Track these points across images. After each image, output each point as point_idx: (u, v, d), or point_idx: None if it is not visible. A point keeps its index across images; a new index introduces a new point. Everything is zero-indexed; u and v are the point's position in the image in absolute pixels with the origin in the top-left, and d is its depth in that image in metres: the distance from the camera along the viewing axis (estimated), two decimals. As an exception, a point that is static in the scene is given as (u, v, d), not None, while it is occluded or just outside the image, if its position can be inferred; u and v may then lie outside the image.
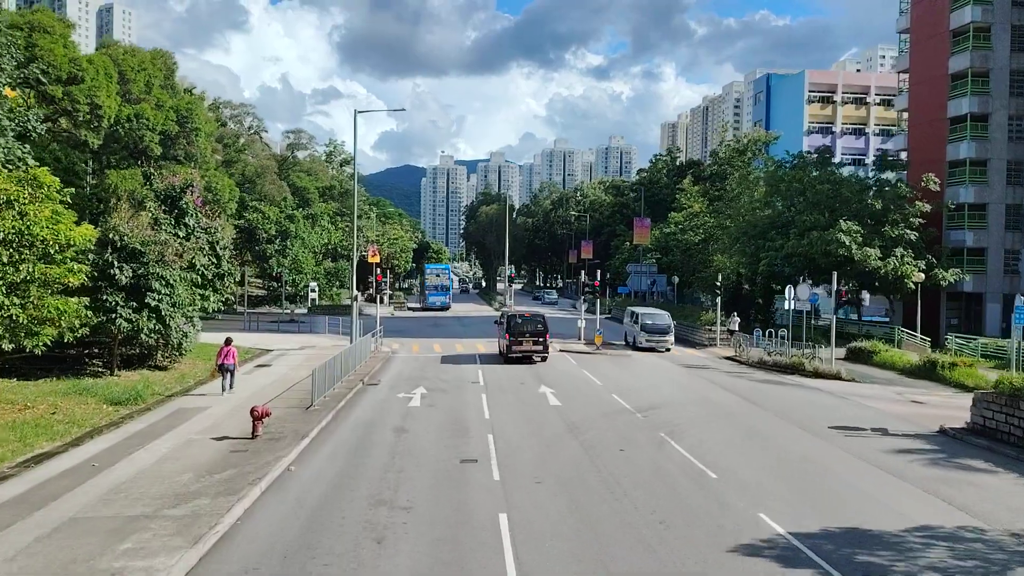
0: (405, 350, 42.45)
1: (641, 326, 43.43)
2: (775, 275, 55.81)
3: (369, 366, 33.78)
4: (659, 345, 42.65)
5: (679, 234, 79.29)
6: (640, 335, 43.17)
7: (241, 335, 47.74)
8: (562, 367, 34.83)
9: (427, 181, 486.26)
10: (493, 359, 37.45)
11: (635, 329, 44.18)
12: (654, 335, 42.92)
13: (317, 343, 44.29)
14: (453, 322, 65.63)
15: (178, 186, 33.69)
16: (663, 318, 44.39)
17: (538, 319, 35.87)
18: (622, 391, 27.68)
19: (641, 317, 44.07)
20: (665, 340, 42.92)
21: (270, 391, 26.59)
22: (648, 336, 42.80)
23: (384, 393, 26.98)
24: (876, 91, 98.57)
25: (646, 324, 43.45)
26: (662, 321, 43.98)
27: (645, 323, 43.55)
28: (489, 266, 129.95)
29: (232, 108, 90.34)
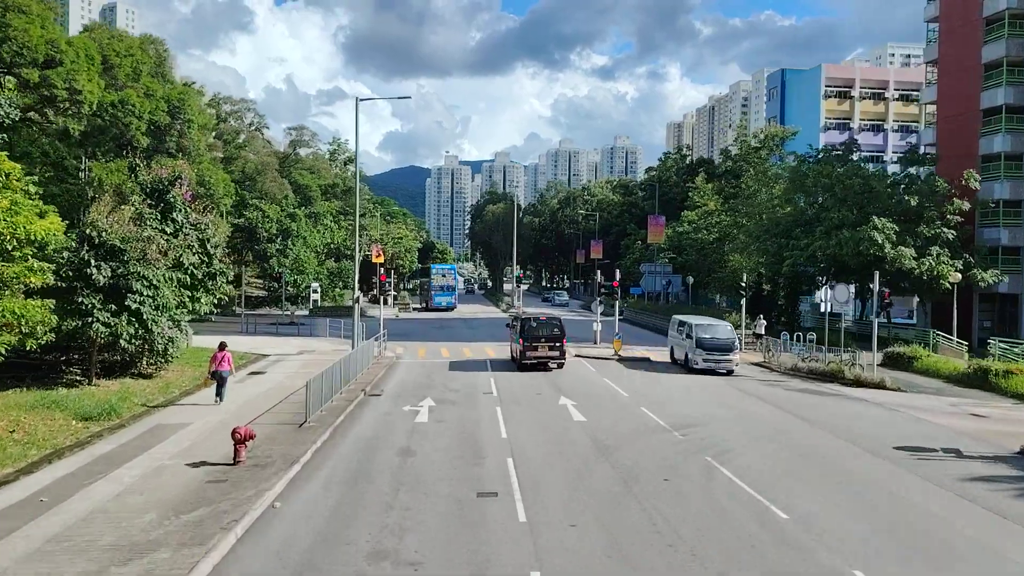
0: (410, 355, 39.82)
1: (697, 341, 33.96)
2: (799, 275, 53.19)
3: (372, 374, 31.14)
4: (720, 366, 33.63)
5: (693, 233, 76.79)
6: (696, 353, 33.88)
7: (237, 338, 45.19)
8: (581, 375, 32.14)
9: (432, 181, 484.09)
10: (505, 365, 34.79)
11: (687, 345, 34.80)
12: (715, 353, 33.60)
13: (317, 347, 41.68)
14: (460, 324, 63.00)
15: (165, 179, 31.09)
16: (725, 331, 35.11)
17: (554, 323, 33.19)
18: (651, 403, 24.98)
19: (696, 330, 34.52)
20: (729, 360, 33.72)
21: (262, 403, 23.96)
22: (707, 355, 33.58)
23: (388, 405, 24.32)
24: (895, 86, 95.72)
25: (703, 339, 33.99)
26: (724, 335, 34.64)
27: (702, 338, 34.06)
28: (495, 266, 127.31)
29: (232, 104, 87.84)
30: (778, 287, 54.99)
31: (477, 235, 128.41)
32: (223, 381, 25.22)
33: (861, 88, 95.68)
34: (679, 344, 36.45)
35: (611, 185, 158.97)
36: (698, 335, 34.19)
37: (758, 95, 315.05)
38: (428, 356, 39.11)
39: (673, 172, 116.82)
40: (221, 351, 25.32)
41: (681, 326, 36.74)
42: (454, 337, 50.45)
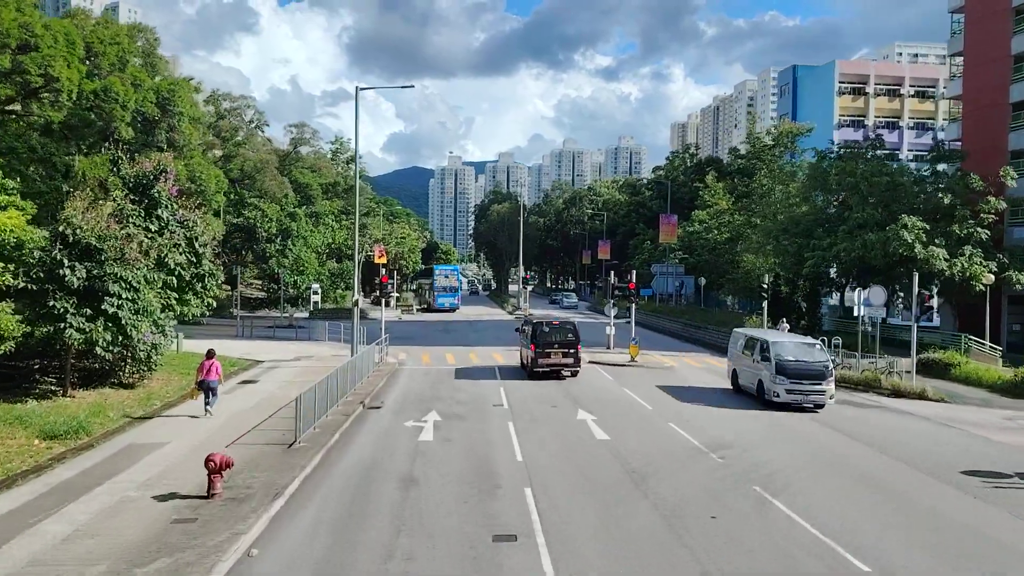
0: (414, 360, 37.55)
1: (777, 365, 24.89)
2: (820, 277, 50.88)
3: (372, 383, 28.85)
4: (809, 398, 24.69)
5: (704, 233, 74.55)
6: (775, 381, 24.83)
7: (232, 343, 43.01)
8: (597, 384, 29.81)
9: (435, 182, 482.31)
10: (515, 373, 32.48)
11: (762, 369, 25.76)
12: (803, 382, 24.66)
13: (315, 352, 39.42)
14: (465, 327, 60.70)
15: (150, 173, 28.86)
16: (813, 351, 25.79)
17: (568, 328, 30.86)
18: (679, 418, 22.64)
19: (774, 349, 25.38)
20: (822, 392, 24.84)
21: (250, 418, 21.67)
22: (792, 384, 24.61)
23: (388, 420, 22.02)
24: (910, 82, 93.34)
25: (786, 363, 24.92)
26: (814, 358, 25.39)
27: (783, 360, 24.97)
28: (500, 267, 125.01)
29: (232, 100, 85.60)
30: (797, 289, 52.57)
31: (481, 235, 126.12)
32: (212, 392, 23.10)
33: (875, 84, 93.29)
34: (748, 367, 27.34)
35: (617, 185, 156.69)
36: (777, 355, 25.19)
37: (764, 94, 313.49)
38: (433, 362, 36.84)
39: (680, 171, 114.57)
40: (209, 359, 23.22)
41: (751, 344, 27.55)
42: (459, 341, 48.17)
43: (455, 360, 37.41)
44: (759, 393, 26.05)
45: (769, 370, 25.34)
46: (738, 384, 28.34)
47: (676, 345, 47.98)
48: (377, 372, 31.85)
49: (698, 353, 43.64)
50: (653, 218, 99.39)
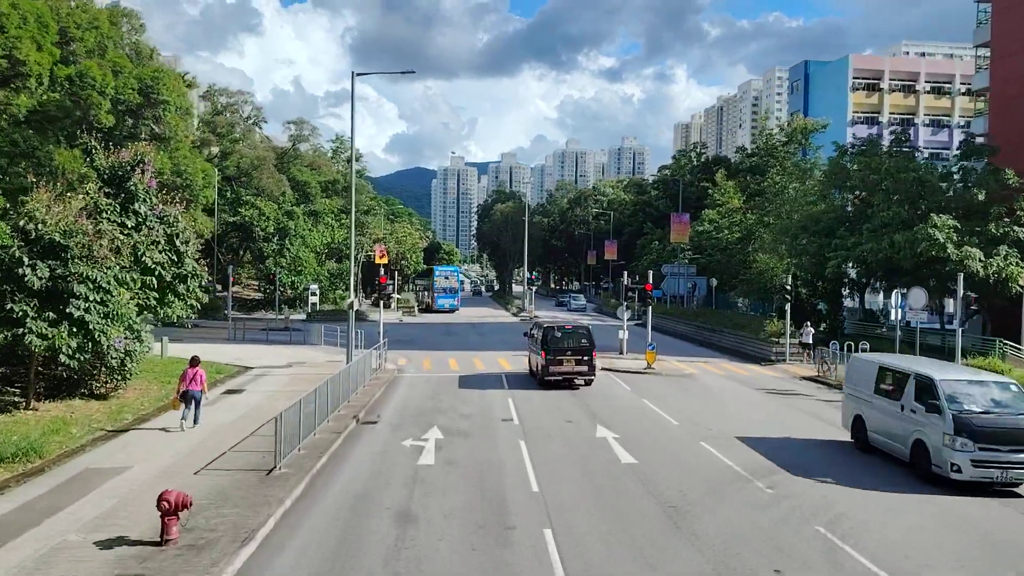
0: (414, 366, 35.14)
1: (957, 422, 15.89)
2: (841, 278, 48.47)
3: (368, 392, 26.43)
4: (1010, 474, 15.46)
5: (714, 232, 72.21)
6: (955, 447, 15.68)
7: (223, 347, 40.69)
8: (614, 394, 27.37)
9: (437, 183, 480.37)
10: (523, 381, 30.06)
11: (922, 423, 16.76)
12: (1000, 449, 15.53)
13: (309, 358, 37.02)
14: (468, 330, 58.26)
15: (127, 163, 26.50)
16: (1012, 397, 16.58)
17: (582, 332, 28.40)
18: (711, 436, 20.19)
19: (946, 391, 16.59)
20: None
21: (228, 436, 19.26)
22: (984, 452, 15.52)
23: (384, 438, 19.58)
24: (926, 78, 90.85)
25: (969, 419, 15.92)
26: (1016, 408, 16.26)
27: (967, 415, 16.02)
28: (504, 267, 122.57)
29: (229, 96, 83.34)
30: (817, 291, 50.10)
31: (484, 235, 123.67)
32: (196, 403, 20.79)
33: (890, 80, 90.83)
34: (888, 416, 18.20)
35: (622, 184, 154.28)
36: (957, 406, 16.17)
37: (769, 94, 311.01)
38: (434, 368, 34.41)
39: (687, 171, 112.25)
40: (193, 367, 21.00)
41: (895, 380, 18.29)
42: (463, 345, 45.74)
43: (458, 366, 34.99)
44: (916, 460, 16.77)
45: (939, 426, 16.01)
46: (866, 437, 19.00)
47: (690, 350, 45.54)
48: (375, 380, 29.42)
49: (715, 358, 41.18)
50: (660, 218, 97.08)
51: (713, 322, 50.20)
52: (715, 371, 35.36)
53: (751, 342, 42.52)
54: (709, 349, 46.55)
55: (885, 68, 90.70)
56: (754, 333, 42.69)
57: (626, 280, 39.73)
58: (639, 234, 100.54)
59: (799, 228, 51.34)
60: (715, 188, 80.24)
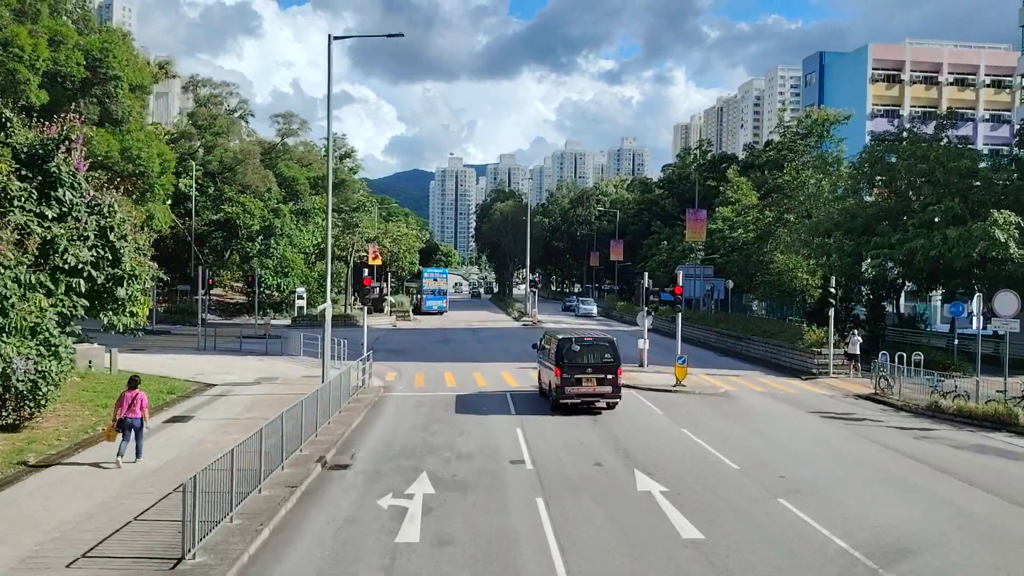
0: (405, 382, 30.28)
1: None
2: (881, 280, 43.74)
3: (344, 420, 21.53)
4: None
5: (728, 231, 67.57)
6: None
7: (188, 358, 35.84)
8: (646, 421, 22.48)
9: (435, 184, 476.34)
10: (532, 402, 25.21)
11: None
12: None
13: (283, 372, 32.13)
14: (467, 337, 53.34)
15: (50, 140, 21.65)
16: None
17: (604, 346, 23.49)
18: (788, 488, 15.29)
19: None
20: None
21: (149, 489, 14.38)
22: None
23: (354, 497, 14.65)
24: (949, 69, 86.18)
25: None
26: None
27: None
28: (504, 269, 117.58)
29: (212, 87, 78.44)
30: (853, 293, 45.29)
31: (484, 236, 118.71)
32: (136, 432, 16.61)
33: (912, 71, 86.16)
34: None
35: (625, 183, 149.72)
36: None
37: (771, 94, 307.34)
38: (428, 385, 29.52)
39: (693, 169, 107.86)
40: (131, 390, 16.48)
41: None
42: (461, 355, 40.85)
43: (456, 382, 30.10)
44: None
45: None
46: None
47: (714, 360, 40.72)
48: (355, 403, 24.52)
49: (747, 371, 36.36)
50: (667, 217, 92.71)
51: (738, 329, 45.35)
52: (753, 387, 30.48)
53: (786, 352, 37.67)
54: (735, 359, 41.74)
55: (906, 58, 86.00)
56: (789, 342, 37.81)
57: (646, 282, 34.80)
58: (645, 234, 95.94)
59: (831, 224, 46.71)
60: (727, 185, 75.92)
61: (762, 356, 40.56)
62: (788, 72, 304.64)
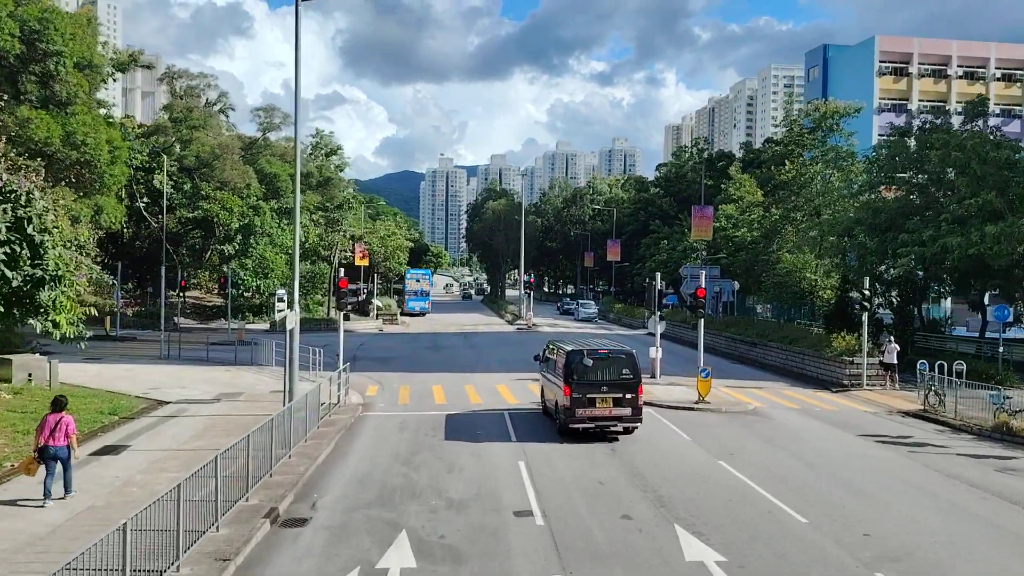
0: (388, 397, 26.61)
1: None
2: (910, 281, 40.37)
3: (310, 451, 17.81)
4: None
5: (732, 230, 64.24)
6: None
7: (148, 368, 32.15)
8: (674, 451, 18.82)
9: (426, 184, 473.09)
10: (535, 424, 21.57)
11: None
12: None
13: (250, 386, 28.38)
14: (459, 342, 49.62)
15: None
16: None
17: (622, 359, 19.80)
18: (877, 551, 11.66)
19: None
20: None
21: (50, 545, 10.65)
22: None
23: (307, 569, 10.97)
24: (958, 62, 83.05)
25: None
26: None
27: None
28: (496, 269, 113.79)
29: (189, 78, 74.43)
30: (878, 295, 41.81)
31: (475, 235, 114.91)
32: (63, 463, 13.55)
33: (920, 64, 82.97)
34: None
35: (620, 182, 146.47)
36: None
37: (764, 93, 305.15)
38: (414, 401, 25.82)
39: (689, 167, 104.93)
40: (55, 412, 13.49)
41: None
42: (452, 364, 37.15)
43: (446, 397, 26.42)
44: None
45: None
46: None
47: (728, 368, 37.14)
48: (326, 427, 20.80)
49: (768, 381, 32.83)
50: (664, 216, 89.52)
51: (751, 334, 41.79)
52: (782, 403, 26.90)
53: (810, 360, 34.10)
54: (750, 367, 38.21)
55: (914, 51, 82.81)
56: (813, 349, 34.23)
57: (658, 283, 31.13)
58: (642, 233, 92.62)
59: (850, 222, 43.42)
60: (729, 182, 72.80)
61: (781, 364, 37.04)
62: (782, 71, 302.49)
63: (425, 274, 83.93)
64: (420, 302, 77.91)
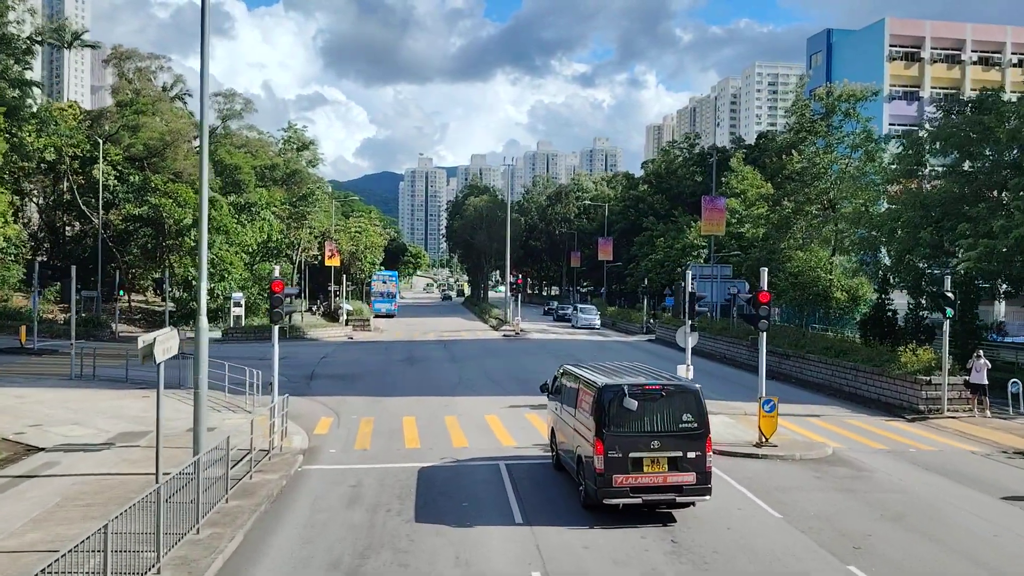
0: (343, 436, 20.08)
1: None
2: (972, 280, 34.43)
3: (210, 541, 11.26)
4: None
5: (735, 225, 58.50)
6: None
7: (46, 394, 25.47)
8: (760, 542, 12.36)
9: (405, 185, 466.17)
10: (546, 485, 15.17)
11: None
12: None
13: (164, 421, 21.61)
14: (438, 352, 42.97)
15: None
16: None
17: (681, 397, 13.34)
18: None
19: None
20: None
21: None
22: None
23: None
24: (972, 46, 77.59)
25: None
26: None
27: None
28: (479, 270, 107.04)
29: (139, 59, 67.31)
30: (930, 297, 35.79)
31: (456, 233, 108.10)
32: None
33: (932, 49, 77.44)
34: None
35: (606, 179, 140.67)
36: None
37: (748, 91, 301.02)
38: (377, 445, 19.24)
39: (679, 163, 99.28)
40: None
41: None
42: (429, 382, 30.59)
43: (419, 437, 19.89)
44: None
45: None
46: None
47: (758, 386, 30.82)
48: (241, 496, 14.17)
49: (819, 404, 26.63)
50: (655, 213, 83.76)
51: (784, 343, 35.59)
52: (863, 441, 20.56)
53: (870, 379, 27.82)
54: (786, 384, 31.89)
55: (926, 34, 77.16)
56: (872, 364, 27.96)
57: (688, 283, 24.66)
58: (632, 231, 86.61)
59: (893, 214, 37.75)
60: (731, 174, 66.94)
61: (824, 381, 30.84)
62: (766, 69, 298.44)
63: (392, 276, 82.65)
64: (386, 304, 77.06)
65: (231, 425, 20.17)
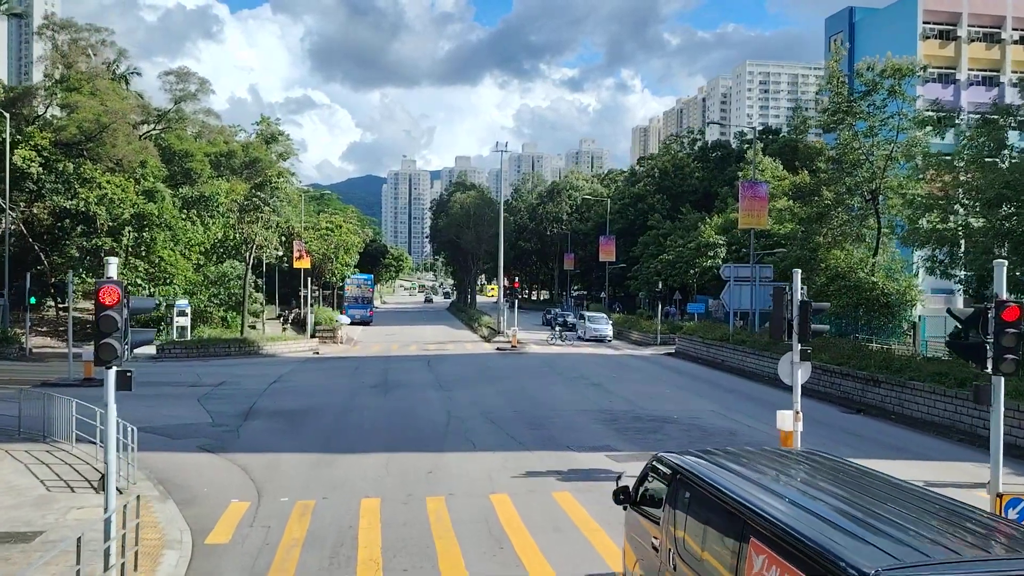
0: (253, 547, 11.64)
1: None
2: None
3: None
4: None
5: (758, 221, 50.56)
6: None
7: None
8: None
9: (388, 187, 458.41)
10: None
11: None
12: None
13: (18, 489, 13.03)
14: (420, 375, 34.37)
15: None
16: None
17: None
18: None
19: None
20: None
21: None
22: None
23: None
24: (1014, 24, 70.17)
25: None
26: None
27: None
28: (466, 272, 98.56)
29: (75, 31, 58.43)
30: None
31: (441, 233, 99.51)
32: None
33: (969, 26, 69.98)
34: None
35: (600, 177, 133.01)
36: None
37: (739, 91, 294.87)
38: (307, 570, 10.86)
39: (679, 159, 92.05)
40: None
41: None
42: (406, 428, 22.14)
43: (381, 550, 11.50)
44: None
45: None
46: None
47: (852, 425, 22.65)
48: None
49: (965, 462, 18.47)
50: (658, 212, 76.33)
51: (870, 365, 27.33)
52: None
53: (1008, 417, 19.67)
54: (882, 422, 23.67)
55: (963, 10, 69.61)
56: None
57: (798, 288, 16.23)
58: (632, 231, 78.84)
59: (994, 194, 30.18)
60: (747, 166, 59.60)
61: (939, 419, 22.65)
62: (757, 68, 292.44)
63: (367, 280, 77.21)
64: (361, 310, 72.08)
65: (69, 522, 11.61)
